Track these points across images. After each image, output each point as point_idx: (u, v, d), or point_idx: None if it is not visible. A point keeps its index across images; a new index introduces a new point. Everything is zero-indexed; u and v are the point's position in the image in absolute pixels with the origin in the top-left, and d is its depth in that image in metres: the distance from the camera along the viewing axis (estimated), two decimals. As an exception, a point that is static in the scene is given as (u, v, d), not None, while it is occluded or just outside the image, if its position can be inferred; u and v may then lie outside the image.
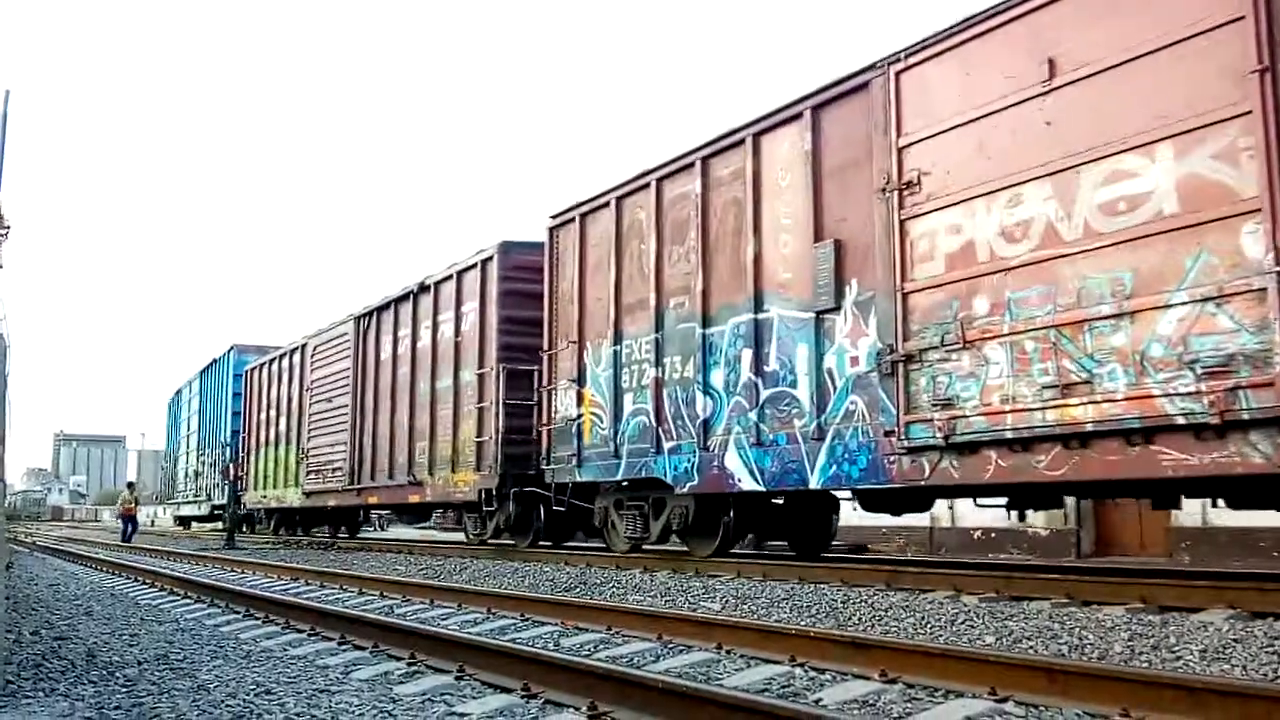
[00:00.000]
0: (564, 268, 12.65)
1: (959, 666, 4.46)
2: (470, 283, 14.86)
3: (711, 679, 4.73)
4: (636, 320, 11.28)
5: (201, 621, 7.56)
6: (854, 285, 8.71)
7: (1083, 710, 3.90)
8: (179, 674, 5.07)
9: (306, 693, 4.50)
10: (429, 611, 7.72)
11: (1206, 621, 5.70)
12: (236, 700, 4.34)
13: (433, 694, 4.52)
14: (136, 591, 10.58)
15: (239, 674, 5.00)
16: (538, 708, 4.21)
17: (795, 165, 9.39)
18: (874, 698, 4.29)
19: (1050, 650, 5.23)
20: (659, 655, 5.45)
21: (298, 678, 4.90)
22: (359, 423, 18.12)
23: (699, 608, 7.45)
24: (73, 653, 5.82)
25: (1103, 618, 6.01)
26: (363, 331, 18.39)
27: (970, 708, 4.00)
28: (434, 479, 15.38)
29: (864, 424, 8.49)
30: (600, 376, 11.79)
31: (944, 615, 6.40)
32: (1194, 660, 4.86)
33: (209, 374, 31.05)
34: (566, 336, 12.43)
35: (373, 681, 4.86)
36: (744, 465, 9.63)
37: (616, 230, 11.66)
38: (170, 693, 4.55)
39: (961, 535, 15.98)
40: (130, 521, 25.96)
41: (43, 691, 4.64)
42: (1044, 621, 5.97)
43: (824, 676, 4.74)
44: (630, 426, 11.23)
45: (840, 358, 8.77)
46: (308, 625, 6.75)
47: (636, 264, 11.37)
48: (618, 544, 12.17)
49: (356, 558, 15.44)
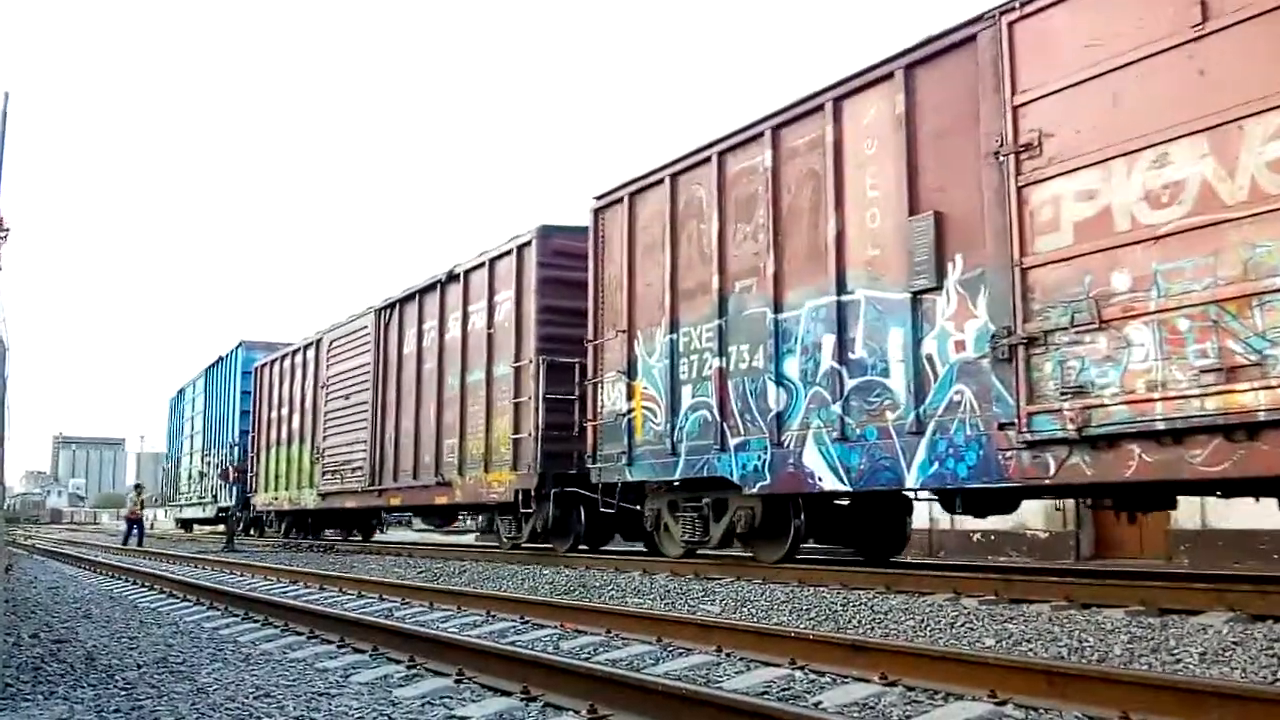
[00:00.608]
0: (610, 252, 11.77)
1: (959, 669, 4.42)
2: (505, 270, 13.96)
3: (711, 682, 4.73)
4: (696, 306, 10.39)
5: (201, 624, 7.49)
6: (958, 261, 7.83)
7: (1083, 713, 3.86)
8: (178, 677, 5.02)
9: (306, 696, 4.48)
10: (429, 614, 7.67)
11: (1206, 624, 5.69)
12: (236, 703, 4.31)
13: (432, 697, 4.51)
14: (135, 594, 10.46)
15: (238, 677, 4.96)
16: (537, 710, 4.18)
17: (884, 131, 8.52)
18: (874, 700, 4.27)
19: (1050, 653, 5.20)
20: (659, 658, 5.43)
21: (297, 681, 4.87)
22: (380, 420, 17.22)
23: (698, 610, 7.39)
24: (72, 655, 5.77)
25: (1102, 620, 5.99)
26: (384, 324, 17.48)
27: (970, 710, 3.99)
28: (464, 479, 14.47)
29: (972, 416, 7.60)
30: (654, 368, 10.90)
31: (944, 618, 6.36)
32: (1194, 663, 4.82)
33: (215, 372, 30.03)
34: (614, 326, 11.54)
35: (372, 684, 4.83)
36: (825, 462, 8.75)
37: (671, 209, 10.78)
38: (169, 696, 4.53)
39: (960, 538, 15.69)
40: (136, 525, 25.03)
41: (42, 694, 4.61)
42: (1044, 624, 5.95)
43: (824, 679, 4.72)
44: (689, 421, 10.35)
45: (942, 342, 7.88)
46: (307, 628, 6.71)
47: (695, 245, 10.49)
48: (670, 548, 11.29)
49: (356, 560, 15.22)
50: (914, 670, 4.55)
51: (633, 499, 11.55)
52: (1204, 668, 4.74)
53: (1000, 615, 6.35)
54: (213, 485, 29.07)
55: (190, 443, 34.66)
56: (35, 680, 4.93)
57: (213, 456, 29.77)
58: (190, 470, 34.01)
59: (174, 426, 39.85)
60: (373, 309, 17.90)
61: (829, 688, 4.53)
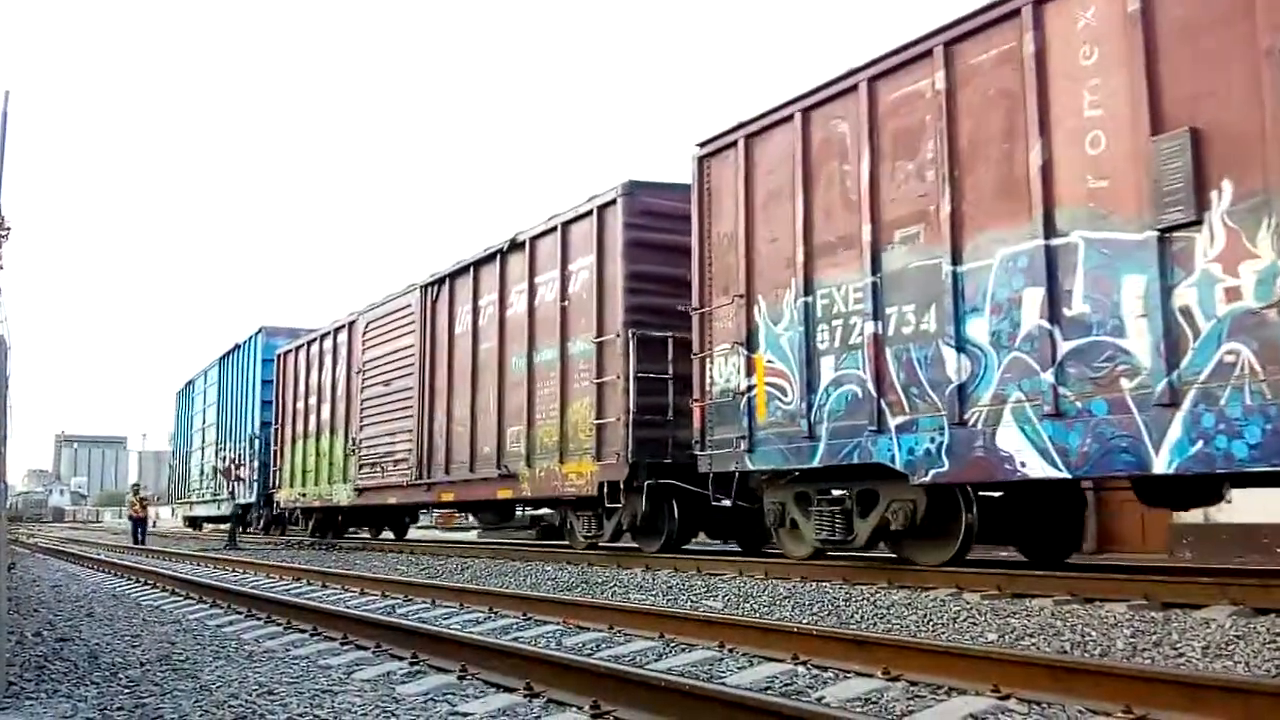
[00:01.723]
0: (720, 205, 10.16)
1: (962, 664, 4.40)
2: (581, 235, 12.35)
3: (714, 677, 4.71)
4: (838, 262, 8.79)
5: (204, 622, 7.47)
6: (1226, 188, 6.22)
7: (1085, 707, 3.83)
8: (181, 675, 5.00)
9: (309, 693, 4.45)
10: (431, 611, 7.65)
11: (1209, 618, 5.65)
12: (239, 701, 4.28)
13: (435, 694, 4.47)
14: (138, 592, 10.38)
15: (241, 674, 4.94)
16: (540, 707, 4.15)
17: (1109, 33, 6.91)
18: (877, 695, 4.24)
19: (1053, 647, 5.20)
20: (661, 654, 5.42)
21: (300, 678, 4.84)
22: (427, 407, 15.60)
23: (701, 606, 7.35)
24: (75, 654, 5.76)
25: (1105, 615, 5.97)
26: (431, 302, 15.86)
27: (973, 705, 3.97)
28: (533, 471, 12.86)
29: (1253, 381, 6.00)
30: (781, 337, 9.30)
31: (946, 613, 6.33)
32: (1196, 657, 4.81)
33: (231, 361, 28.33)
34: (727, 290, 9.94)
35: (375, 681, 4.82)
36: (1031, 444, 7.14)
37: (804, 151, 9.17)
38: (173, 694, 4.49)
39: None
40: (139, 524, 23.30)
41: (45, 692, 4.60)
42: (1046, 619, 5.93)
43: (826, 674, 4.69)
44: (831, 399, 8.74)
45: (1205, 291, 6.28)
46: (310, 625, 6.67)
47: (837, 191, 8.88)
48: (794, 548, 9.71)
49: (359, 558, 15.08)
50: (917, 665, 4.51)
51: (740, 491, 9.95)
52: (1207, 662, 4.71)
53: (1003, 610, 6.28)
54: (230, 480, 27.43)
55: (202, 436, 32.97)
56: (39, 678, 4.91)
57: (229, 450, 28.16)
58: (202, 465, 32.29)
59: (182, 420, 38.08)
60: (417, 285, 16.28)
61: (832, 683, 4.51)
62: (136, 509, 23.91)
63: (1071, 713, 3.82)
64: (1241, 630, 5.22)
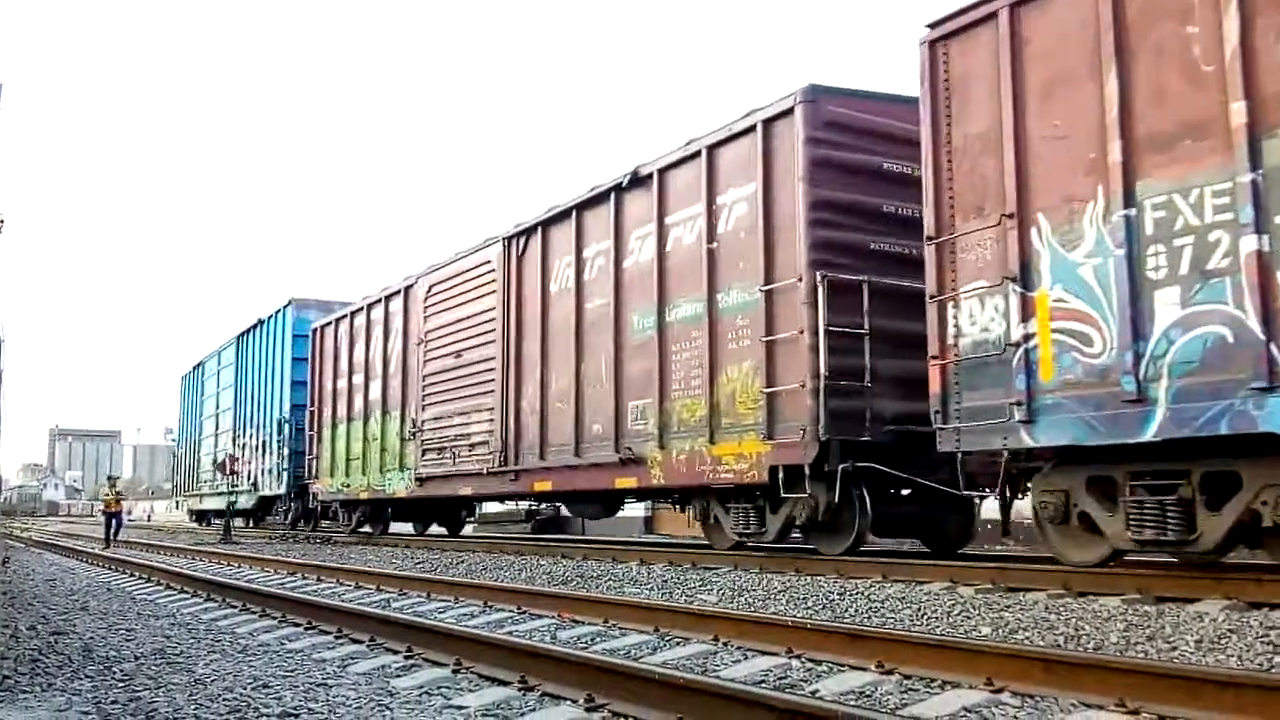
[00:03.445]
0: (968, 99, 7.79)
1: (956, 657, 4.38)
2: (735, 160, 9.94)
3: (709, 671, 4.67)
4: (1184, 158, 6.41)
5: (198, 616, 7.40)
6: None
7: (1079, 700, 3.81)
8: (176, 668, 4.92)
9: (304, 686, 4.40)
10: (426, 605, 7.63)
11: (1202, 612, 5.63)
12: (234, 694, 4.23)
13: (430, 687, 4.44)
14: (133, 586, 10.30)
15: (236, 668, 4.88)
16: (535, 700, 4.13)
17: None
18: (871, 688, 4.20)
19: (1047, 641, 5.18)
20: (656, 647, 5.39)
21: (295, 671, 4.78)
22: (514, 381, 13.16)
23: (696, 600, 7.37)
24: (70, 647, 5.69)
25: (1099, 608, 5.90)
26: (516, 257, 13.40)
27: (967, 698, 3.94)
28: (667, 454, 10.43)
29: None
30: (1080, 268, 6.91)
31: (940, 606, 6.31)
32: (1190, 650, 4.77)
33: (252, 338, 25.66)
34: (982, 210, 7.57)
35: (370, 675, 4.75)
36: None
37: (1115, 12, 6.76)
38: (167, 687, 4.42)
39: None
40: (114, 518, 20.83)
41: (40, 686, 4.52)
42: (1040, 612, 5.89)
43: (821, 668, 4.66)
44: (1176, 347, 6.37)
45: None
46: (304, 619, 6.61)
47: (1175, 61, 6.51)
48: (1073, 552, 7.36)
49: (354, 552, 14.83)
50: (911, 658, 4.49)
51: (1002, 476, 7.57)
52: (1200, 655, 4.68)
53: (997, 604, 6.29)
54: (252, 469, 24.88)
55: (215, 423, 30.38)
56: (33, 672, 4.85)
57: (249, 437, 25.61)
58: (214, 455, 29.62)
59: (189, 406, 35.41)
60: (498, 238, 13.82)
61: (826, 676, 4.47)
62: (111, 503, 21.24)
63: (1065, 705, 3.78)
64: (1235, 624, 5.19)
